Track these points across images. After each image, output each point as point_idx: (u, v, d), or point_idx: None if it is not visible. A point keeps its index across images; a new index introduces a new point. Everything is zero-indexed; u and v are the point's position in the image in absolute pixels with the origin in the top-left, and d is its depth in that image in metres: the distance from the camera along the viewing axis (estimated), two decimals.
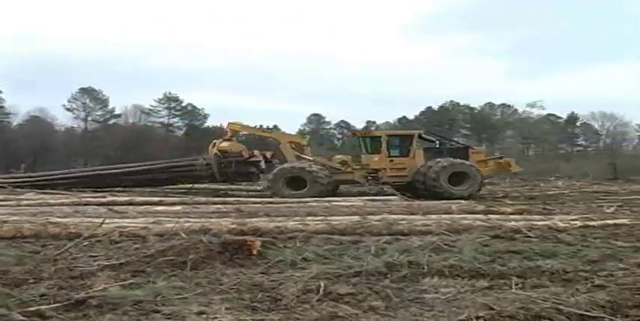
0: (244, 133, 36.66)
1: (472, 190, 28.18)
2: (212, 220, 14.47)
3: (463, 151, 30.80)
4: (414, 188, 28.94)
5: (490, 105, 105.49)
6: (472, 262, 9.46)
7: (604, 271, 9.08)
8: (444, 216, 15.83)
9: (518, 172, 37.48)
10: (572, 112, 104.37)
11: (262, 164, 30.71)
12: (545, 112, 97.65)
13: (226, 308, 6.88)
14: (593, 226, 14.35)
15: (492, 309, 6.66)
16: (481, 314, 6.38)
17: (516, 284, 8.17)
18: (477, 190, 28.55)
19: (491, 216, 16.06)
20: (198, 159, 31.02)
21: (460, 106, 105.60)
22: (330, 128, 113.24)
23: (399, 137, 31.22)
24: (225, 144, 30.38)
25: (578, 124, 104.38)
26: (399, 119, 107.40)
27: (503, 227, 13.41)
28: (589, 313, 6.47)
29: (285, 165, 29.07)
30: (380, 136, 30.72)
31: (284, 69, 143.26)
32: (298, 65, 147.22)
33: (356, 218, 14.63)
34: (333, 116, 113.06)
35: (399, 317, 6.71)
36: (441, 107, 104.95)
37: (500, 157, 33.21)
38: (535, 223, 14.50)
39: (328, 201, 21.31)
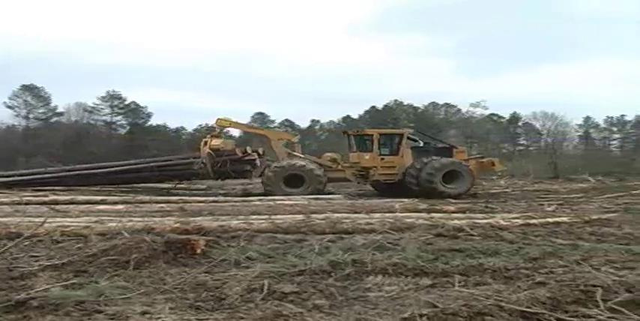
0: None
1: (464, 188, 28.80)
2: (155, 219, 14.38)
3: (448, 151, 31.32)
4: (405, 186, 29.01)
5: (434, 104, 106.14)
6: (415, 260, 9.52)
7: (544, 269, 9.24)
8: (387, 215, 15.93)
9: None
10: (515, 112, 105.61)
11: (258, 162, 30.16)
12: (488, 112, 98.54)
13: (170, 308, 6.84)
14: (534, 225, 14.58)
15: (436, 307, 6.72)
16: (425, 312, 6.42)
17: (459, 282, 8.26)
18: (468, 188, 29.17)
19: (434, 214, 16.23)
20: (189, 158, 30.50)
21: (404, 106, 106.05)
22: (275, 127, 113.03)
23: (390, 136, 31.45)
24: (216, 142, 29.56)
25: (520, 123, 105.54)
26: (344, 118, 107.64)
27: (446, 226, 13.54)
28: (530, 310, 6.56)
29: (284, 163, 29.14)
30: (372, 135, 30.80)
31: (228, 68, 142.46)
32: (243, 64, 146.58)
33: (300, 217, 14.65)
34: (277, 115, 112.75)
35: (344, 316, 6.73)
36: (385, 106, 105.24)
37: (482, 157, 33.92)
38: (477, 221, 14.69)
39: (272, 200, 21.30)
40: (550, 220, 15.41)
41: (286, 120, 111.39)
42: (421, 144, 32.28)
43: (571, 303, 6.92)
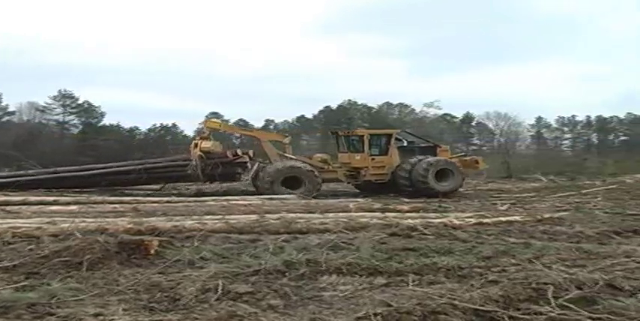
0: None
1: (455, 186, 30.02)
2: (108, 219, 14.20)
3: (432, 150, 32.18)
4: (396, 185, 29.93)
5: (388, 104, 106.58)
6: (370, 259, 9.54)
7: (497, 267, 9.34)
8: (341, 214, 15.96)
9: None
10: (468, 112, 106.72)
11: (249, 164, 30.07)
12: (441, 112, 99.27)
13: (124, 309, 6.78)
14: (488, 224, 14.71)
15: (390, 306, 6.74)
16: (379, 311, 6.44)
17: (413, 281, 8.30)
18: (459, 186, 30.45)
19: (388, 214, 16.28)
20: (177, 160, 30.63)
21: (358, 105, 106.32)
22: None
23: (379, 136, 31.90)
24: (207, 144, 29.35)
25: (473, 123, 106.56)
26: (298, 118, 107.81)
27: (400, 225, 13.59)
28: (483, 308, 6.62)
29: (282, 164, 29.20)
30: (363, 136, 31.42)
31: (183, 67, 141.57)
32: (197, 64, 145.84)
33: (254, 217, 14.59)
34: (231, 115, 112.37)
35: (298, 315, 6.73)
36: (340, 106, 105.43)
37: (465, 155, 35.86)
38: (431, 220, 14.76)
39: (226, 200, 21.22)
40: (503, 219, 15.55)
41: (241, 120, 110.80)
42: (405, 143, 33.07)
43: (523, 301, 7.00)
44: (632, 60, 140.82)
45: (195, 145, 29.37)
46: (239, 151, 30.27)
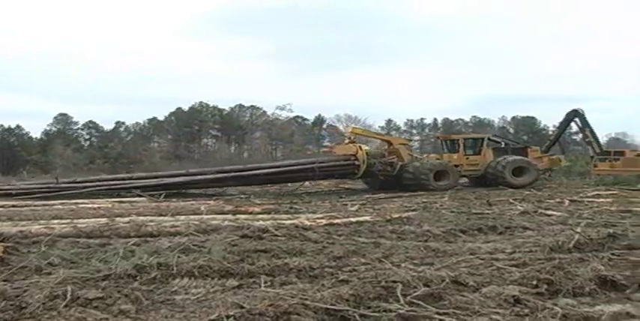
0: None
1: (529, 180, 35.39)
2: None
3: (523, 150, 38.68)
4: (486, 179, 35.88)
5: (240, 106, 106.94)
6: (221, 261, 9.51)
7: (348, 267, 9.50)
8: (192, 217, 15.88)
9: None
10: (319, 115, 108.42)
11: (397, 164, 34.29)
12: (293, 115, 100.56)
13: None
14: (338, 224, 14.90)
15: (242, 307, 6.75)
16: (231, 313, 6.44)
17: (265, 282, 8.34)
18: (533, 180, 35.70)
19: (239, 216, 16.30)
20: (339, 159, 34.42)
21: (209, 107, 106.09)
22: (78, 128, 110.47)
23: (473, 139, 38.90)
24: (366, 147, 35.45)
25: (324, 126, 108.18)
26: (150, 120, 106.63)
27: (251, 227, 13.59)
28: (334, 307, 6.71)
29: (433, 162, 35.58)
30: (458, 139, 38.41)
31: (31, 67, 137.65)
32: (47, 64, 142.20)
33: (103, 220, 14.35)
34: (81, 117, 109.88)
35: (150, 320, 6.66)
36: (191, 108, 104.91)
37: (552, 155, 41.61)
38: (283, 222, 14.85)
39: (74, 203, 20.80)
40: (353, 219, 15.80)
41: (90, 121, 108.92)
42: (502, 145, 39.70)
43: (373, 299, 7.14)
44: (484, 67, 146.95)
45: (360, 148, 34.41)
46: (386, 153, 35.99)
